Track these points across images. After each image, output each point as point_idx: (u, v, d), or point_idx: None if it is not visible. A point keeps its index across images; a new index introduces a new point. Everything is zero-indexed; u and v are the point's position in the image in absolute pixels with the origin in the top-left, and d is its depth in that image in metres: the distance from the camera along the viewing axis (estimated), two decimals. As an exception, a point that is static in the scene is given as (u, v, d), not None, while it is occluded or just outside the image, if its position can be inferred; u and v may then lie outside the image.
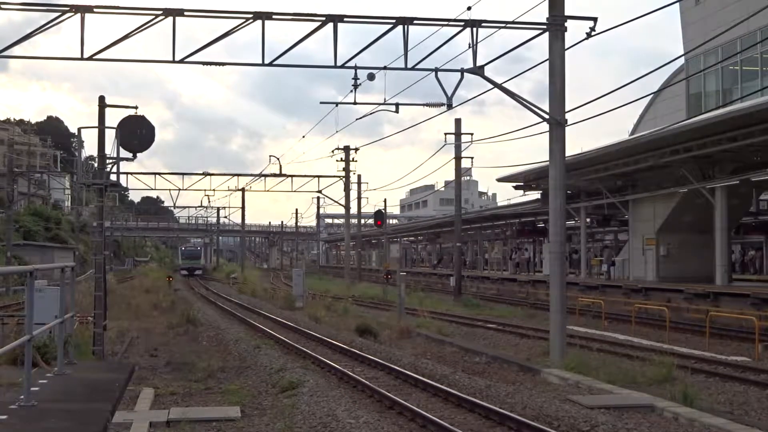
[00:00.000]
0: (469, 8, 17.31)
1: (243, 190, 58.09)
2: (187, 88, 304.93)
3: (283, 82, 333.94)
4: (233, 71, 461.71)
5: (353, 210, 56.04)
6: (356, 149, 52.13)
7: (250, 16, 16.72)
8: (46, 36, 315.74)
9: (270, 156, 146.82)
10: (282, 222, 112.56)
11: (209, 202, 69.34)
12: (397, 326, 23.41)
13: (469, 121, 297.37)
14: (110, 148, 18.79)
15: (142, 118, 18.69)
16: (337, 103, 26.08)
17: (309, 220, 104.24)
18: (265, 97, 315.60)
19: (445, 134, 37.99)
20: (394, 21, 17.10)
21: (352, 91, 18.90)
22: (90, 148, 69.17)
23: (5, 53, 16.98)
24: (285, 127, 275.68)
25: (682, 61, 36.44)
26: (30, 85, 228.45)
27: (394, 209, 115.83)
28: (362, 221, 67.83)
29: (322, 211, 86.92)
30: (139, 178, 51.44)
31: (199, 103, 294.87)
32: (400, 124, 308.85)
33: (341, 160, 51.72)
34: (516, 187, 41.37)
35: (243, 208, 70.46)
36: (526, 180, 38.82)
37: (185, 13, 16.58)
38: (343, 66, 17.73)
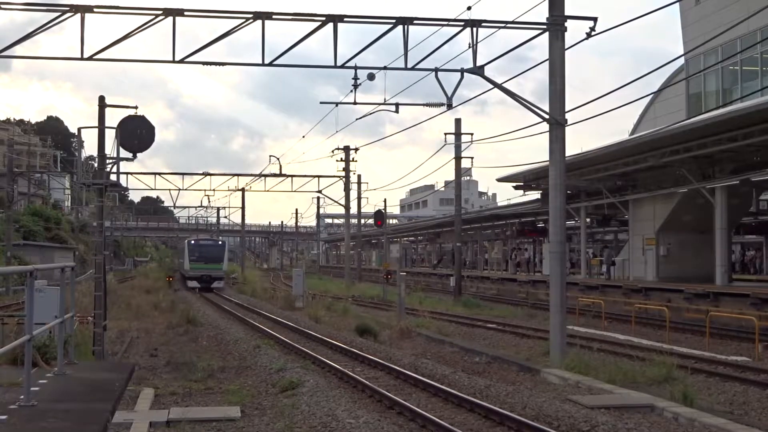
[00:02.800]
0: (469, 8, 17.32)
1: (243, 190, 58.08)
2: (188, 88, 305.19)
3: (286, 81, 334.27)
4: (235, 71, 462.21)
5: (353, 210, 56.05)
6: (356, 149, 52.16)
7: (250, 16, 16.72)
8: (49, 36, 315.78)
9: (270, 156, 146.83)
10: (282, 222, 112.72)
11: (209, 202, 69.24)
12: (397, 326, 23.41)
13: (471, 121, 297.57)
14: (110, 148, 18.81)
15: (142, 118, 18.70)
16: (337, 103, 26.01)
17: (309, 220, 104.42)
18: (267, 96, 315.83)
19: (445, 134, 37.97)
20: (394, 21, 17.10)
21: (352, 91, 18.91)
22: (90, 148, 69.15)
23: (6, 53, 16.98)
24: (287, 126, 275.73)
25: (682, 61, 36.44)
26: (32, 84, 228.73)
27: (394, 209, 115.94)
28: (362, 221, 67.82)
29: (322, 211, 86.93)
30: (139, 178, 51.58)
31: (200, 102, 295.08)
32: (402, 124, 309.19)
33: (341, 160, 51.76)
34: (516, 187, 41.38)
35: (243, 208, 70.38)
36: (526, 180, 38.83)
37: (185, 13, 16.58)
38: (343, 66, 17.73)
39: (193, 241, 54.22)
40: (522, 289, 41.33)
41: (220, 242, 55.26)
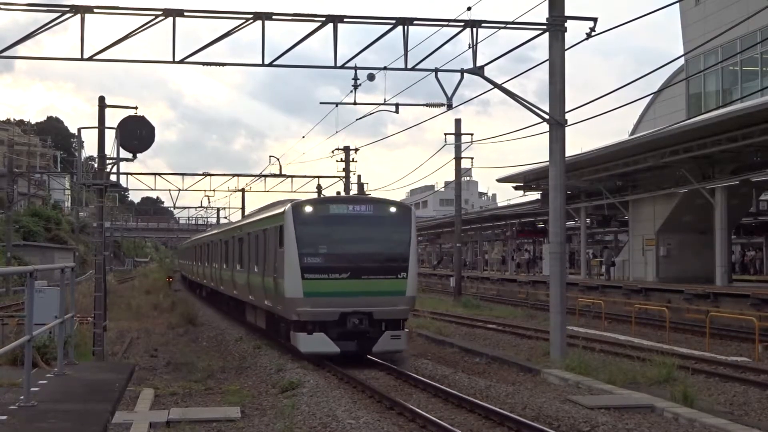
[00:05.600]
0: (469, 8, 17.30)
1: (243, 190, 58.01)
2: (190, 88, 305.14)
3: (287, 82, 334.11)
4: (237, 71, 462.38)
5: (353, 210, 55.93)
6: (356, 149, 52.06)
7: (250, 16, 16.71)
8: (52, 36, 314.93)
9: (270, 156, 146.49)
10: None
11: (209, 202, 69.04)
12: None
13: (473, 121, 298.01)
14: (110, 149, 18.80)
15: (142, 118, 18.70)
16: (336, 104, 25.99)
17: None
18: (268, 97, 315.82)
19: (445, 134, 37.89)
20: (394, 21, 17.08)
21: (352, 91, 18.90)
22: (90, 149, 69.08)
23: (8, 53, 16.96)
24: (288, 127, 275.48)
25: (682, 61, 36.45)
26: (34, 85, 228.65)
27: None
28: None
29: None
30: (139, 178, 51.11)
31: (202, 103, 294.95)
32: (403, 124, 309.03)
33: (341, 160, 51.70)
34: (516, 188, 41.36)
35: (243, 208, 70.23)
36: (526, 180, 38.83)
37: (185, 14, 16.56)
38: (343, 66, 17.71)
39: (310, 208, 17.36)
40: (522, 289, 41.33)
41: (393, 209, 17.72)
